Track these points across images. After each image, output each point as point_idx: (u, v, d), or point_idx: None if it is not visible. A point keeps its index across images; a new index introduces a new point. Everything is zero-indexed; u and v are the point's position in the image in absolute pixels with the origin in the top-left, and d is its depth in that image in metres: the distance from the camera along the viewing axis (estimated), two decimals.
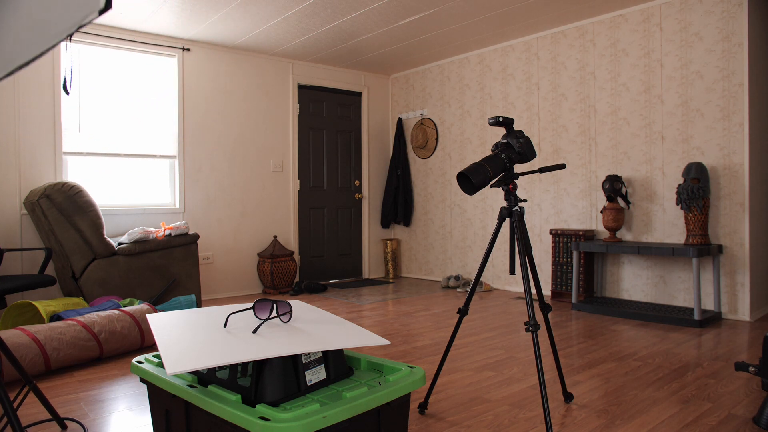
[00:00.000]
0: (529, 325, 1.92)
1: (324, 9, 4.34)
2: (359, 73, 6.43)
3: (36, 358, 2.70)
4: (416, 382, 1.51)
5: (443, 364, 2.21)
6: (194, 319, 1.69)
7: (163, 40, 4.97)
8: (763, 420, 2.01)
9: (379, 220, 6.60)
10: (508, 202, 2.09)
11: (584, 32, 4.73)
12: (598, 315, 4.16)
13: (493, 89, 5.49)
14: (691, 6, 4.05)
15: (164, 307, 3.89)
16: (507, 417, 2.14)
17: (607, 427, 2.04)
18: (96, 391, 2.55)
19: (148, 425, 2.12)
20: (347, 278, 6.37)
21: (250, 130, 5.54)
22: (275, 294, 5.37)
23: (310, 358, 1.46)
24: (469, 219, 5.75)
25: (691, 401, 2.30)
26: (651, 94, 4.30)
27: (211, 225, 5.26)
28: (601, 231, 4.65)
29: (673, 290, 4.20)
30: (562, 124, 4.91)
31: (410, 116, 6.42)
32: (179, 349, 1.38)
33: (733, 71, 3.86)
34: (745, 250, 3.84)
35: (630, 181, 4.44)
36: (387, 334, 3.59)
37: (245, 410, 1.26)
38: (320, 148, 6.14)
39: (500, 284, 5.46)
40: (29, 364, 2.67)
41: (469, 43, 5.38)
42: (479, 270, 2.18)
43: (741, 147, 3.84)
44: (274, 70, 5.72)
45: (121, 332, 3.13)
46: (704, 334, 3.49)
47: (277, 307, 1.61)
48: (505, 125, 2.12)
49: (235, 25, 4.69)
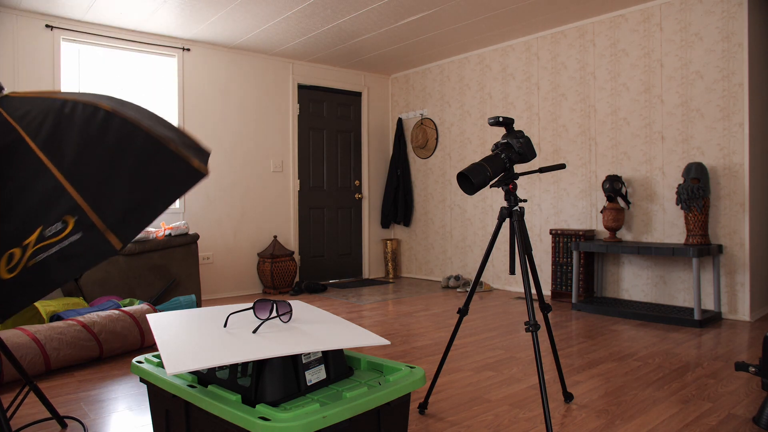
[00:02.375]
0: (529, 325, 1.92)
1: (324, 9, 4.34)
2: (359, 73, 6.43)
3: (36, 358, 2.70)
4: (416, 382, 1.51)
5: (443, 364, 2.21)
6: (194, 319, 1.69)
7: (163, 40, 4.97)
8: (763, 420, 2.01)
9: (379, 220, 6.60)
10: (508, 202, 2.09)
11: (584, 32, 4.73)
12: (598, 315, 4.16)
13: (493, 89, 5.49)
14: (691, 6, 4.06)
15: (164, 307, 3.89)
16: (507, 417, 2.14)
17: (607, 427, 2.04)
18: (96, 391, 2.55)
19: (148, 425, 2.12)
20: (347, 278, 6.37)
21: (250, 130, 5.54)
22: (275, 294, 5.37)
23: (310, 358, 1.46)
24: (469, 219, 5.75)
25: (691, 401, 2.30)
26: (651, 94, 4.30)
27: (211, 225, 5.26)
28: (601, 231, 4.65)
29: (673, 290, 4.20)
30: (562, 124, 4.91)
31: (410, 116, 6.42)
32: (179, 349, 1.38)
33: (733, 71, 3.86)
34: (745, 250, 3.84)
35: (630, 181, 4.44)
36: (387, 334, 3.59)
37: (245, 410, 1.26)
38: (320, 148, 6.14)
39: (500, 284, 5.46)
40: (29, 364, 2.67)
41: (469, 43, 5.38)
42: (479, 270, 2.18)
43: (741, 147, 3.84)
44: (274, 70, 5.72)
45: (121, 332, 3.13)
46: (704, 334, 3.49)
47: (277, 307, 1.61)
48: (505, 125, 2.12)
49: (235, 25, 4.69)
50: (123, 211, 1.88)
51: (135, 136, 1.93)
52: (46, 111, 1.90)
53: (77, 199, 1.82)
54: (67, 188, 1.83)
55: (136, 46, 4.84)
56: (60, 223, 1.82)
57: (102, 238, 1.83)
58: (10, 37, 4.25)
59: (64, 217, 1.82)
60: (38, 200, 1.84)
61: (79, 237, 1.84)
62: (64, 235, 1.81)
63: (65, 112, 1.90)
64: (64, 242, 1.81)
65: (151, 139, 1.93)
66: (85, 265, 1.88)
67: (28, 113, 1.89)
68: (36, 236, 1.80)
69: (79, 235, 1.83)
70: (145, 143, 1.92)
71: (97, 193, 1.88)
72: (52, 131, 1.88)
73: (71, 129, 1.89)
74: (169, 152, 1.93)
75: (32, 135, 1.85)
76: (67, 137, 1.87)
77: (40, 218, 1.82)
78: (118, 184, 1.90)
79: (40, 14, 4.35)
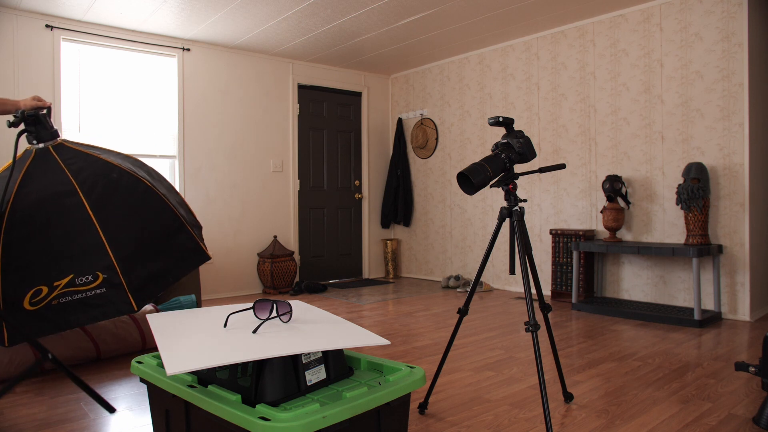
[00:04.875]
0: (529, 325, 1.92)
1: (324, 9, 4.34)
2: (359, 73, 6.43)
3: (27, 357, 2.69)
4: (416, 382, 1.51)
5: (443, 364, 2.21)
6: (194, 319, 1.69)
7: (163, 40, 4.97)
8: (763, 420, 2.01)
9: (379, 220, 6.60)
10: (508, 202, 2.09)
11: (584, 32, 4.73)
12: (598, 315, 4.16)
13: (493, 89, 5.49)
14: (691, 6, 4.05)
15: (164, 307, 3.89)
16: (507, 417, 2.14)
17: (607, 427, 2.04)
18: (96, 391, 2.55)
19: (148, 425, 2.12)
20: (347, 278, 6.37)
21: (250, 130, 5.54)
22: (275, 294, 5.37)
23: (310, 358, 1.46)
24: (469, 219, 5.75)
25: (691, 401, 2.30)
26: (651, 94, 4.30)
27: (211, 225, 5.26)
28: (601, 231, 4.65)
29: (673, 290, 4.20)
30: (562, 124, 4.91)
31: (410, 116, 6.42)
32: (179, 349, 1.38)
33: (733, 71, 3.86)
34: (745, 250, 3.84)
35: (630, 181, 4.44)
36: (387, 334, 3.59)
37: (245, 410, 1.26)
38: (320, 148, 6.14)
39: (500, 284, 5.46)
40: (19, 364, 2.66)
41: (469, 43, 5.38)
42: (479, 270, 2.18)
43: (741, 147, 3.84)
44: (274, 70, 5.72)
45: (120, 334, 3.12)
46: (704, 334, 3.49)
47: (277, 307, 1.61)
48: (505, 125, 2.12)
49: (235, 25, 4.69)
50: (145, 278, 2.11)
51: (166, 212, 2.18)
52: (98, 173, 2.12)
53: (112, 259, 2.03)
54: (107, 247, 2.03)
55: (136, 47, 4.84)
56: (91, 275, 2.02)
57: (124, 298, 2.05)
58: (10, 37, 4.25)
59: (96, 271, 2.02)
60: (79, 251, 2.03)
61: (103, 291, 2.04)
62: (91, 287, 2.01)
63: (113, 177, 2.13)
64: (90, 293, 2.01)
65: (177, 219, 2.18)
66: (100, 317, 2.07)
67: (82, 170, 2.11)
68: (67, 281, 1.99)
69: (103, 289, 2.04)
70: (172, 221, 2.18)
71: (129, 258, 2.09)
72: (102, 193, 2.09)
73: (117, 195, 2.12)
74: (188, 233, 2.21)
75: (86, 193, 2.05)
76: (112, 202, 2.09)
77: (75, 266, 2.00)
78: (145, 255, 2.13)
79: (40, 14, 4.35)
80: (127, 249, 2.06)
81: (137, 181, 2.13)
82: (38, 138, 2.17)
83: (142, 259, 2.09)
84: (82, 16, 4.41)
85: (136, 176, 2.13)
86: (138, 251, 2.08)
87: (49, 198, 2.02)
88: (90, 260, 2.00)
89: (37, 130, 2.17)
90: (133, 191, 2.11)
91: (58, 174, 2.04)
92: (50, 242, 1.99)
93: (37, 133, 2.16)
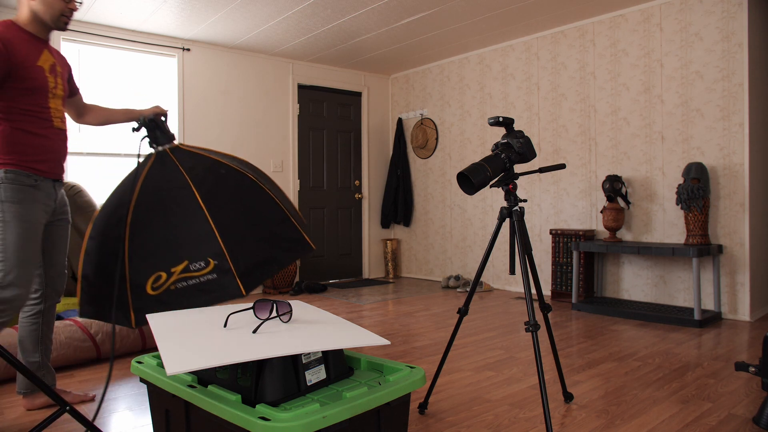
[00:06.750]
0: (529, 325, 1.92)
1: (324, 9, 4.34)
2: (359, 73, 6.43)
3: None
4: (416, 382, 1.51)
5: (443, 364, 2.21)
6: (194, 319, 1.69)
7: (163, 40, 4.97)
8: (763, 420, 2.01)
9: (379, 220, 6.60)
10: (508, 202, 2.09)
11: (584, 32, 4.73)
12: (598, 315, 4.16)
13: (493, 89, 5.49)
14: (691, 6, 4.06)
15: None
16: (507, 417, 2.14)
17: (607, 427, 2.04)
18: (96, 391, 2.55)
19: (148, 425, 2.12)
20: (347, 278, 6.37)
21: (250, 130, 5.54)
22: (275, 294, 5.37)
23: (310, 358, 1.46)
24: (469, 219, 5.75)
25: (691, 401, 2.30)
26: (651, 94, 4.30)
27: None
28: (601, 231, 4.65)
29: (673, 290, 4.20)
30: (562, 124, 4.91)
31: (410, 116, 6.42)
32: (179, 349, 1.38)
33: (733, 71, 3.86)
34: (745, 250, 3.84)
35: (630, 181, 4.44)
36: (387, 334, 3.59)
37: (245, 410, 1.26)
38: (320, 148, 6.14)
39: (500, 284, 5.46)
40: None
41: (469, 43, 5.38)
42: (479, 270, 2.18)
43: (741, 147, 3.84)
44: (273, 70, 5.72)
45: (120, 333, 3.12)
46: (704, 334, 3.49)
47: (277, 307, 1.61)
48: (505, 125, 2.12)
49: (235, 25, 4.69)
50: (252, 264, 2.24)
51: (270, 205, 2.34)
52: (208, 168, 2.31)
53: (222, 245, 2.18)
54: (216, 235, 2.18)
55: (136, 46, 4.84)
56: (203, 261, 2.16)
57: (233, 283, 2.18)
58: None
59: (208, 257, 2.16)
60: (192, 238, 2.19)
61: (215, 278, 2.17)
62: (204, 273, 2.15)
63: (221, 173, 2.31)
64: (203, 278, 2.15)
65: (282, 212, 2.36)
66: (212, 301, 2.25)
67: (194, 167, 2.30)
68: (183, 267, 2.15)
69: (215, 275, 2.17)
70: (277, 214, 2.35)
71: (237, 245, 2.23)
72: (211, 186, 2.26)
73: (225, 188, 2.29)
74: (292, 224, 2.38)
75: (197, 186, 2.23)
76: (221, 194, 2.26)
77: (189, 253, 2.17)
78: (252, 242, 2.27)
79: None
80: (235, 237, 2.21)
81: (243, 176, 2.30)
82: (157, 142, 2.39)
83: (249, 247, 2.24)
84: (82, 16, 4.41)
85: (242, 172, 2.31)
86: (245, 240, 2.23)
87: (166, 192, 2.24)
88: (201, 247, 2.16)
89: (156, 135, 2.40)
90: (240, 185, 2.29)
91: (174, 172, 2.26)
92: (167, 232, 2.18)
93: (156, 138, 2.39)
